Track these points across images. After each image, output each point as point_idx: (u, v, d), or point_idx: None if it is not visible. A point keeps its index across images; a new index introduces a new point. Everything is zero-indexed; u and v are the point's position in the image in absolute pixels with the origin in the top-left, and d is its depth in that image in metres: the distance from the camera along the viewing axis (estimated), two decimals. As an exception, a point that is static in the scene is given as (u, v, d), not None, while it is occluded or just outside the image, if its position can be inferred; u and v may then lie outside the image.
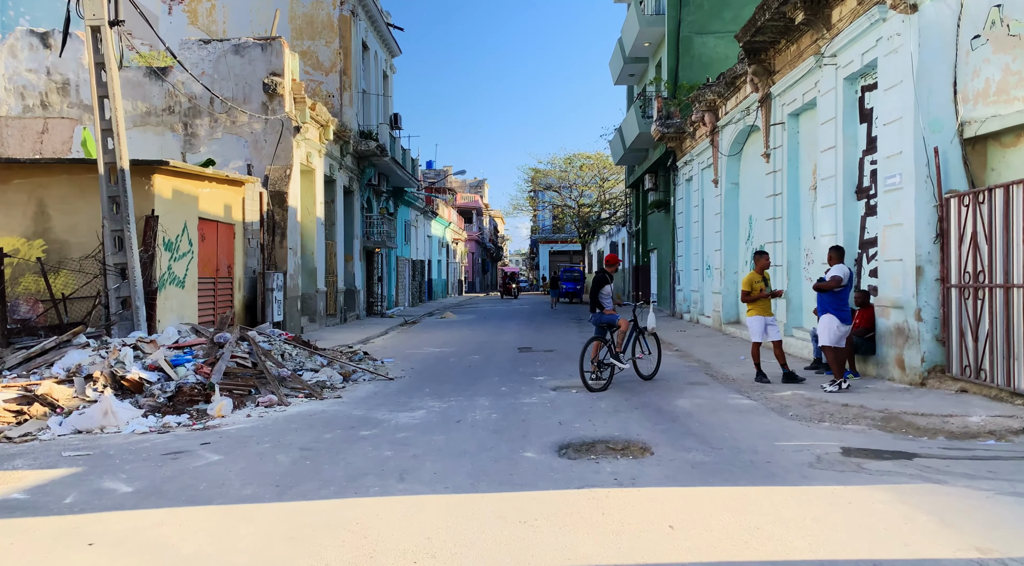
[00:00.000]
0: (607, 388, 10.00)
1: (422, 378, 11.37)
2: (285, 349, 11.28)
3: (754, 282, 10.42)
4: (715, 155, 19.11)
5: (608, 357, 10.41)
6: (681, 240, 23.95)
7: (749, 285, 10.41)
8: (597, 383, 10.15)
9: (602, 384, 10.12)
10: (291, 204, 18.30)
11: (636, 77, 31.38)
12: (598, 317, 10.62)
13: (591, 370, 10.20)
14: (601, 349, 10.42)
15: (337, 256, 23.23)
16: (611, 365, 10.34)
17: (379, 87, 28.99)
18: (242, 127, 18.23)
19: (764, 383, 10.19)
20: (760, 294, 10.39)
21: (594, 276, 10.83)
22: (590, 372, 10.16)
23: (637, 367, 11.01)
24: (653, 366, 11.12)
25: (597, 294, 10.67)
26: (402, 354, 15.12)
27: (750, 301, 10.43)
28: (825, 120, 12.04)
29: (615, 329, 10.60)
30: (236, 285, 16.64)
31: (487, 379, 11.17)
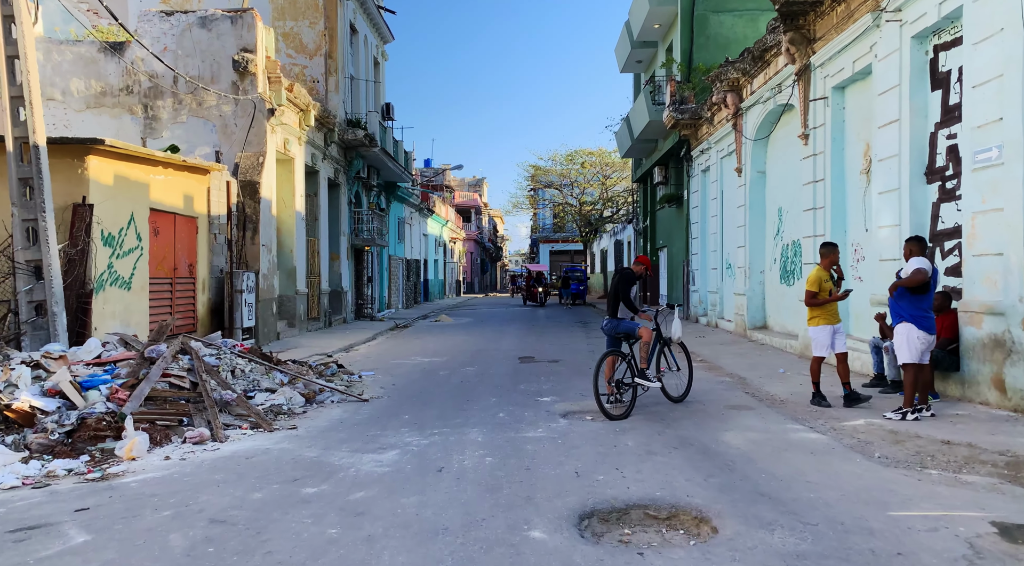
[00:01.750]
0: (629, 414, 8.07)
1: (403, 399, 9.41)
2: (237, 364, 9.32)
3: (822, 281, 8.45)
4: (738, 140, 17.16)
5: (628, 375, 8.47)
6: (696, 237, 21.99)
7: (817, 285, 8.43)
8: (617, 408, 8.21)
9: (623, 409, 8.18)
10: (264, 195, 16.34)
11: (644, 63, 29.43)
12: (613, 325, 8.67)
13: (607, 393, 8.26)
14: (618, 365, 8.49)
15: (321, 254, 21.27)
16: (633, 385, 8.41)
17: (369, 74, 27.04)
18: (210, 109, 16.28)
19: (824, 407, 8.24)
20: (831, 297, 8.41)
21: (619, 275, 8.86)
22: (607, 395, 8.23)
23: (664, 386, 9.07)
24: (684, 385, 9.17)
25: (625, 296, 8.69)
26: (386, 365, 13.16)
27: (817, 305, 8.44)
28: (885, 89, 10.09)
29: (634, 340, 8.67)
30: (199, 286, 14.69)
31: (482, 400, 9.21)
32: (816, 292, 8.39)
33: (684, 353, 9.35)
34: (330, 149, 21.74)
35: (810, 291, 8.45)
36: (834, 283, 8.55)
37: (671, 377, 9.10)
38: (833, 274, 8.61)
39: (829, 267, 8.54)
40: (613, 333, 8.69)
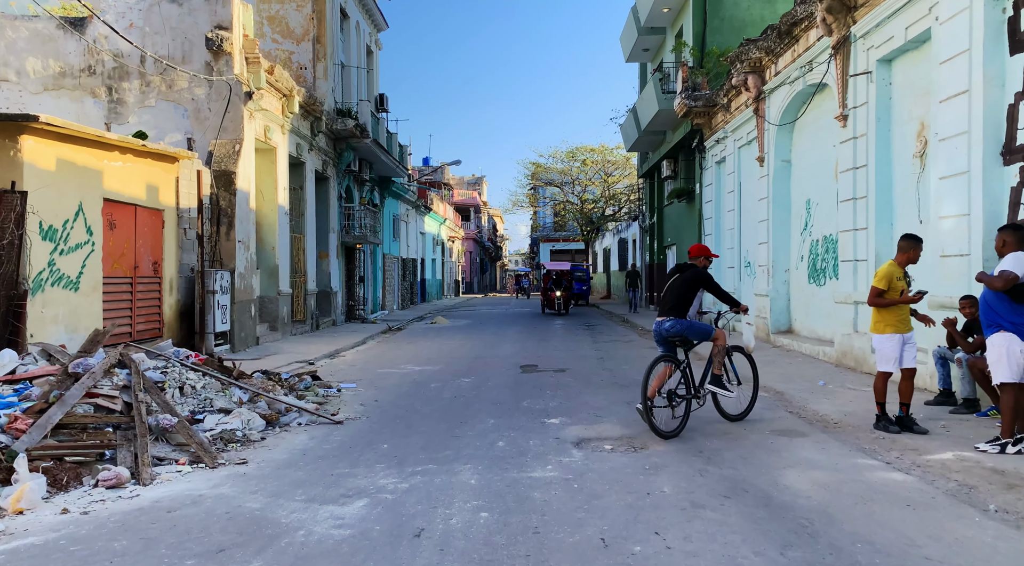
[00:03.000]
0: (680, 431, 7.00)
1: (384, 420, 7.94)
2: (188, 379, 7.85)
3: (894, 278, 6.96)
4: (760, 127, 15.70)
5: (681, 386, 7.28)
6: (709, 233, 20.52)
7: (887, 282, 6.93)
8: (670, 425, 7.04)
9: (675, 427, 7.05)
10: (241, 187, 14.88)
11: (651, 52, 27.96)
12: (677, 327, 7.29)
13: (656, 405, 7.05)
14: (671, 375, 7.24)
15: (307, 252, 19.80)
16: (687, 398, 7.25)
17: (362, 63, 25.57)
18: (181, 92, 14.82)
19: (892, 433, 6.76)
20: (903, 297, 6.92)
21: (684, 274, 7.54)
22: (657, 407, 7.07)
23: (718, 401, 7.76)
24: (746, 401, 7.94)
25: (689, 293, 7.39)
26: (371, 375, 11.70)
27: (882, 306, 6.95)
28: (949, 56, 8.63)
29: (691, 346, 7.52)
30: (166, 287, 13.22)
31: (477, 422, 7.74)
32: (884, 290, 6.89)
33: (751, 365, 8.10)
34: (317, 139, 20.27)
35: (876, 288, 6.93)
36: (907, 283, 7.05)
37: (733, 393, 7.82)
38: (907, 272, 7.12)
39: (906, 263, 7.05)
40: (672, 336, 7.35)
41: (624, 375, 11.32)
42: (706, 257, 7.71)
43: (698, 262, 7.67)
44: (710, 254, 7.77)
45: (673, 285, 7.52)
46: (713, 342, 7.38)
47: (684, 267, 7.62)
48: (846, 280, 11.55)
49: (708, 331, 7.39)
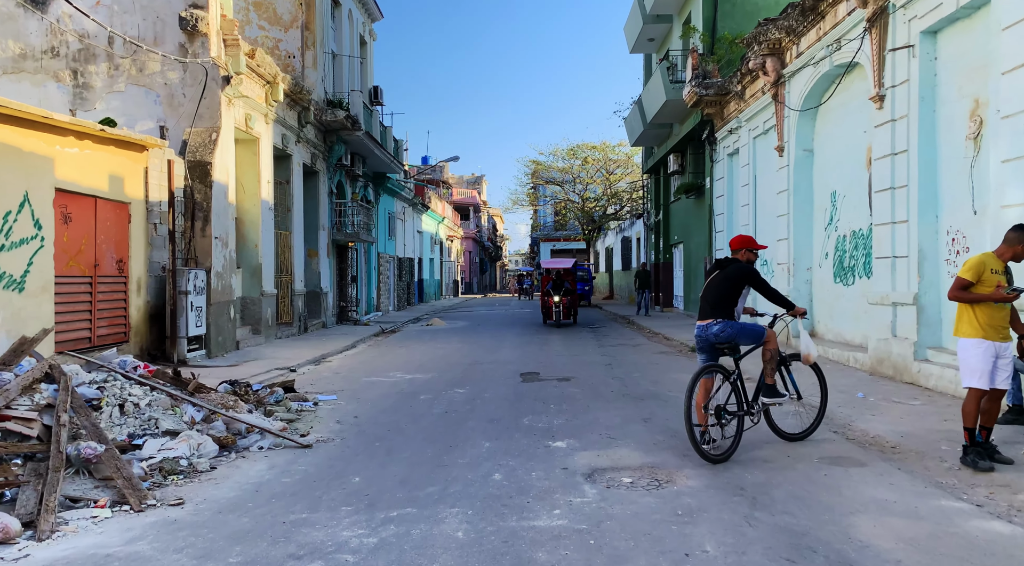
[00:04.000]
0: (732, 454, 5.95)
1: (361, 443, 6.78)
2: (131, 396, 6.70)
3: (989, 270, 5.56)
4: (779, 114, 14.54)
5: (732, 400, 6.18)
6: (721, 230, 19.36)
7: (976, 273, 5.50)
8: (718, 448, 5.95)
9: (725, 449, 5.96)
10: (218, 178, 13.72)
11: (656, 42, 26.80)
12: (725, 330, 6.19)
13: (702, 424, 5.95)
14: (718, 388, 6.21)
15: (294, 250, 18.65)
16: (740, 415, 6.15)
17: (355, 53, 24.41)
18: (153, 77, 13.66)
19: (983, 470, 5.43)
20: (994, 294, 5.56)
21: (725, 270, 6.40)
22: (702, 426, 5.94)
23: (771, 417, 6.67)
24: (808, 419, 6.79)
25: (732, 292, 6.29)
26: (356, 385, 10.55)
27: (967, 301, 5.59)
28: (1014, 21, 7.49)
29: (739, 352, 6.37)
30: (133, 287, 12.08)
31: (470, 447, 6.59)
32: (971, 283, 5.50)
33: (818, 377, 6.92)
34: (306, 131, 19.11)
35: (962, 280, 5.53)
36: (1008, 279, 5.71)
37: (790, 409, 6.86)
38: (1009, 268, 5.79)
39: (1011, 258, 5.65)
40: (722, 342, 6.23)
41: (636, 385, 10.17)
42: (749, 250, 6.56)
43: (740, 256, 6.52)
44: (755, 245, 6.63)
45: (713, 283, 6.39)
46: (763, 346, 6.24)
47: (725, 262, 6.49)
48: (882, 279, 10.39)
49: (761, 334, 6.25)
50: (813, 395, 6.93)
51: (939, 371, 8.88)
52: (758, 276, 6.34)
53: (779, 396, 6.27)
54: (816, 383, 6.92)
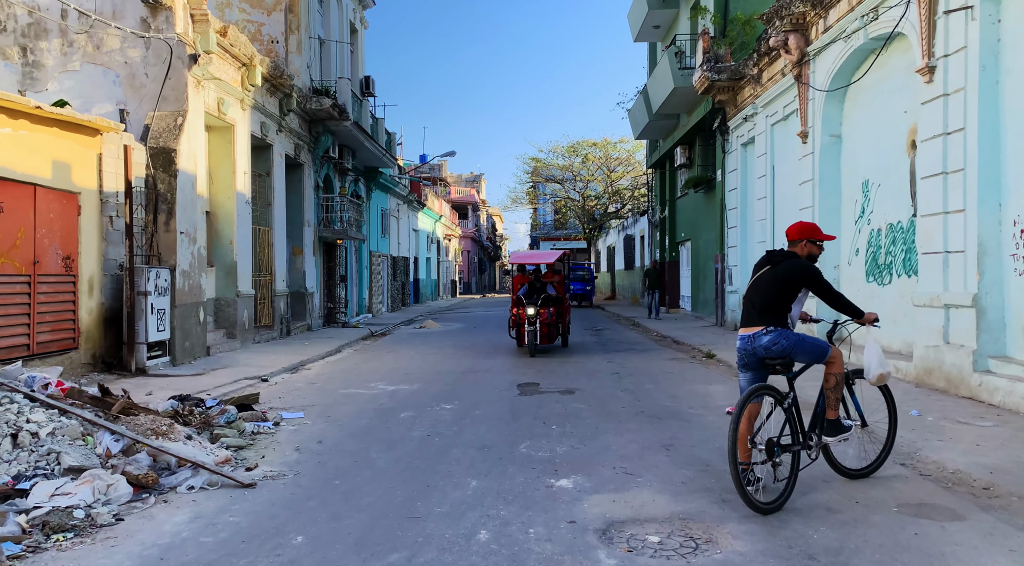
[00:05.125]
0: (786, 501, 4.61)
1: (317, 482, 5.47)
2: (30, 422, 5.39)
3: None
4: (803, 97, 13.23)
5: (786, 432, 4.83)
6: (734, 225, 18.05)
7: None
8: (770, 492, 4.66)
9: (778, 495, 4.63)
10: (184, 167, 12.42)
11: (662, 29, 25.50)
12: (778, 341, 4.88)
13: (747, 464, 4.63)
14: (768, 415, 4.89)
15: (275, 247, 17.33)
16: (796, 449, 4.82)
17: (344, 39, 23.10)
18: (111, 54, 12.36)
19: None
20: None
21: (778, 267, 5.06)
22: (747, 465, 4.62)
23: (830, 451, 5.29)
24: (873, 453, 5.45)
25: (785, 295, 4.98)
26: (330, 398, 9.25)
27: None
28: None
29: (792, 369, 5.03)
30: (84, 287, 10.77)
31: (452, 487, 5.28)
32: None
33: (886, 401, 5.55)
34: (288, 120, 17.80)
35: None
36: None
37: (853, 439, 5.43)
38: None
39: None
40: (774, 357, 4.92)
41: (650, 399, 8.86)
42: (811, 240, 5.20)
43: (799, 249, 5.18)
44: (819, 235, 5.24)
45: (762, 283, 5.06)
46: (826, 367, 4.93)
47: (778, 257, 5.15)
48: (931, 277, 9.09)
49: (824, 351, 4.92)
50: (879, 421, 5.60)
51: (1007, 385, 7.57)
52: (820, 277, 5.00)
53: (844, 431, 4.94)
54: (875, 399, 5.61)
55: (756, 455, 4.69)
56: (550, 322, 13.84)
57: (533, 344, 13.29)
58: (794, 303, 4.98)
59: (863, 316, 5.09)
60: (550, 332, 14.00)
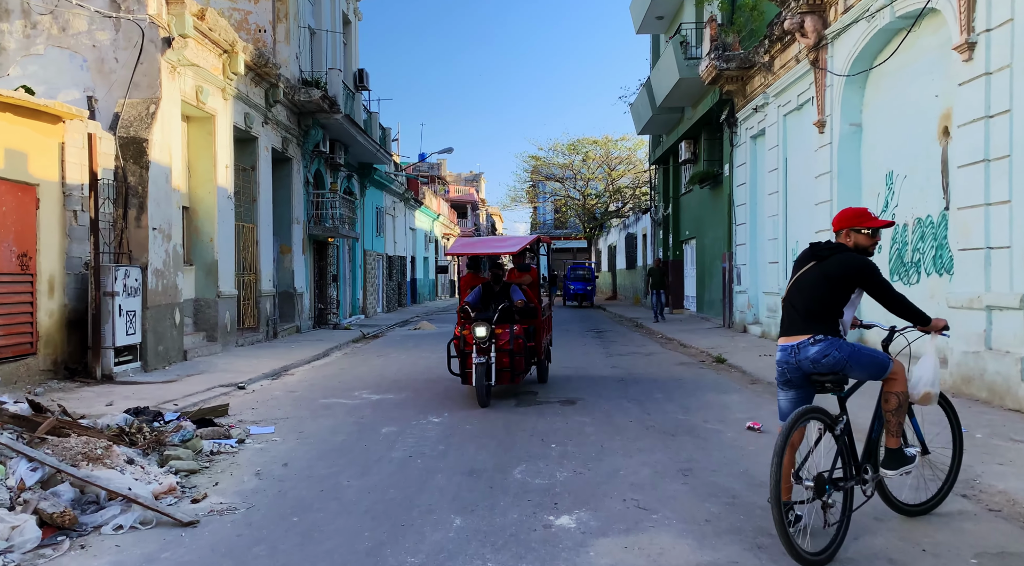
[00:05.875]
0: (837, 550, 3.74)
1: (270, 520, 4.61)
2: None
3: None
4: (820, 83, 12.37)
5: (839, 464, 3.95)
6: (743, 222, 17.19)
7: None
8: (819, 539, 3.80)
9: (828, 542, 3.76)
10: (157, 159, 11.58)
11: (666, 20, 24.64)
12: (828, 352, 4.02)
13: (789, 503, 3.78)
14: (814, 440, 4.02)
15: (261, 245, 16.48)
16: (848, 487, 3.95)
17: (336, 29, 22.25)
18: (78, 37, 11.52)
19: None
20: None
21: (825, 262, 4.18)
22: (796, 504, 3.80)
23: (885, 485, 4.40)
24: (934, 484, 4.57)
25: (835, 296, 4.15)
26: (307, 409, 8.40)
27: None
28: None
29: (845, 388, 4.17)
30: (43, 287, 9.92)
31: (431, 527, 4.43)
32: None
33: (950, 421, 4.68)
34: (275, 111, 16.95)
35: None
36: None
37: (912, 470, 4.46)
38: None
39: None
40: (822, 371, 4.06)
41: (660, 411, 8.01)
42: (859, 229, 4.31)
43: (846, 239, 4.31)
44: (870, 222, 4.33)
45: (805, 282, 4.20)
46: (885, 384, 4.08)
47: (824, 250, 4.25)
48: (971, 276, 8.24)
49: (884, 364, 4.07)
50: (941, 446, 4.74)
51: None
52: (876, 273, 4.15)
53: (907, 462, 4.08)
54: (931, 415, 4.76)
55: (800, 492, 3.84)
56: (514, 348, 8.48)
57: (484, 386, 8.06)
58: (846, 306, 4.13)
59: (930, 323, 4.23)
60: (515, 363, 8.53)
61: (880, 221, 4.38)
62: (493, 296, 9.16)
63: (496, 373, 8.37)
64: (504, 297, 9.05)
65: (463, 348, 8.58)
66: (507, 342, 8.50)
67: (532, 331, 9.30)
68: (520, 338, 8.63)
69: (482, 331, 8.17)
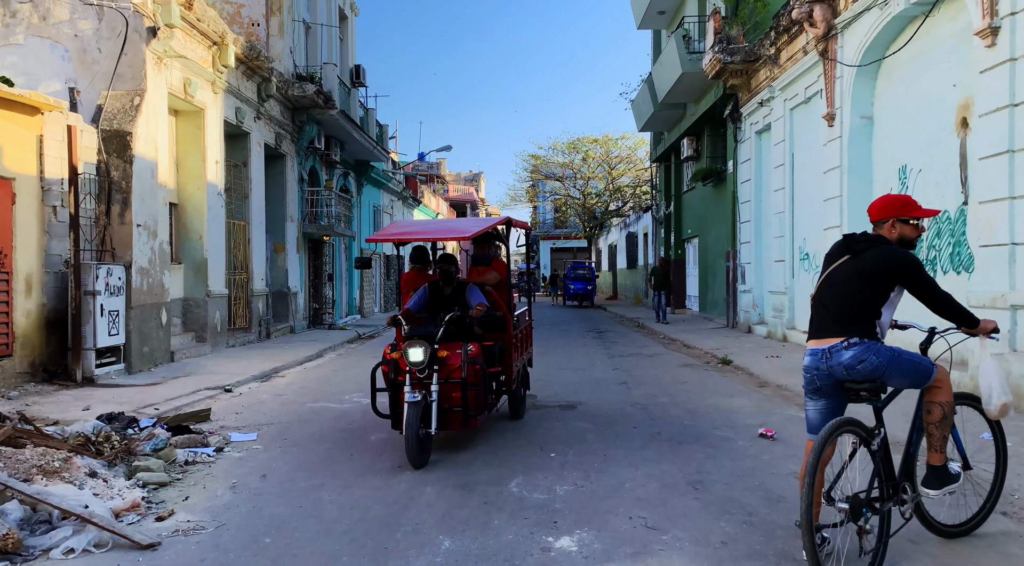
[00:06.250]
0: None
1: (240, 542, 4.16)
2: None
3: None
4: (829, 75, 11.95)
5: (875, 483, 3.50)
6: (747, 220, 16.77)
7: None
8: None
9: None
10: (142, 153, 11.15)
11: (667, 15, 24.20)
12: (865, 357, 3.56)
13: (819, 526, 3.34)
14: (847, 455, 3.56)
15: (253, 244, 16.04)
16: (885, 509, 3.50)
17: (332, 23, 21.84)
18: (59, 26, 11.10)
19: None
20: None
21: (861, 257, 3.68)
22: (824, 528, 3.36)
23: (921, 503, 3.91)
24: (975, 501, 4.12)
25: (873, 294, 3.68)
26: (295, 414, 7.97)
27: None
28: None
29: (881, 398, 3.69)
30: (20, 286, 9.50)
31: (416, 551, 3.99)
32: None
33: (995, 436, 4.24)
34: (268, 106, 16.53)
35: None
36: None
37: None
38: None
39: None
40: (857, 379, 3.61)
41: (666, 415, 7.59)
42: (906, 219, 3.79)
43: (885, 231, 3.83)
44: (914, 211, 3.82)
45: (837, 278, 3.73)
46: (928, 393, 3.64)
47: (859, 243, 3.76)
48: (992, 274, 7.82)
49: (927, 371, 3.63)
50: (983, 462, 4.31)
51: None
52: (920, 270, 3.68)
53: (951, 481, 3.64)
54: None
55: (830, 513, 3.41)
56: (468, 377, 5.99)
57: (415, 437, 5.54)
58: (885, 306, 3.69)
59: (978, 325, 3.76)
60: (469, 400, 6.02)
61: (929, 210, 3.94)
62: (442, 302, 6.66)
63: (441, 415, 5.80)
64: (457, 303, 6.58)
65: (394, 377, 6.03)
66: (457, 368, 5.90)
67: (498, 351, 6.75)
68: (477, 363, 5.99)
69: (417, 354, 5.70)
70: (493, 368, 6.58)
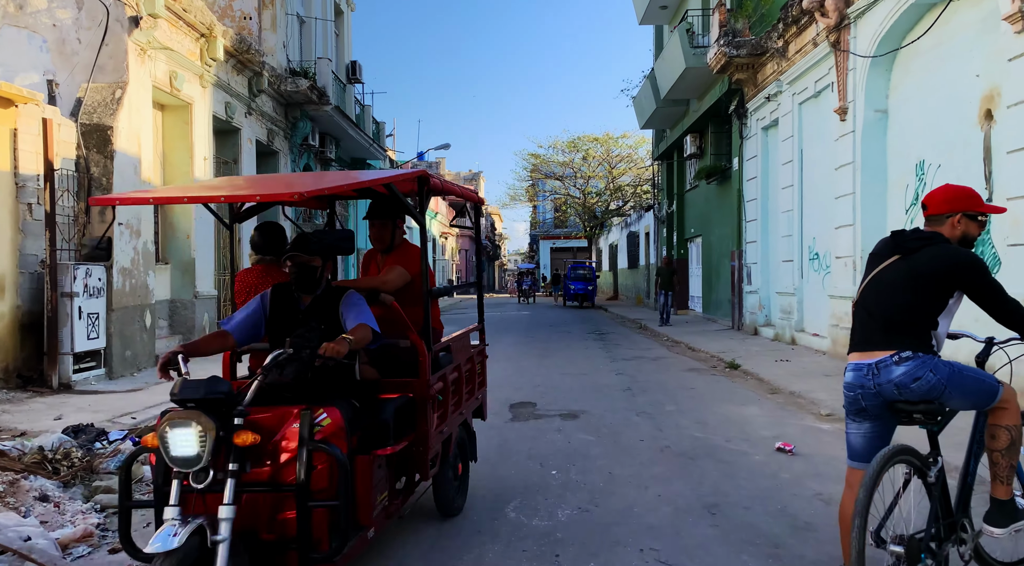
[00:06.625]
0: None
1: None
2: None
3: None
4: (841, 68, 11.46)
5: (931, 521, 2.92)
6: (753, 219, 16.28)
7: None
8: None
9: None
10: (123, 148, 10.67)
11: (670, 10, 23.72)
12: (919, 375, 3.02)
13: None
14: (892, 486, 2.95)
15: (244, 243, 15.53)
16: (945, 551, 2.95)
17: (328, 18, 21.36)
18: (37, 16, 10.62)
19: None
20: None
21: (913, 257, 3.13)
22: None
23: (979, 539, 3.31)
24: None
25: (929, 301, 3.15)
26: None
27: None
28: None
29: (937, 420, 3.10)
30: (-8, 287, 9.02)
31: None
32: None
33: None
34: (259, 101, 16.04)
35: None
36: None
37: None
38: None
39: None
40: (909, 400, 3.08)
41: (674, 426, 7.10)
42: (968, 214, 3.25)
43: (946, 228, 3.29)
44: (979, 206, 3.29)
45: (885, 282, 3.23)
46: (992, 416, 3.15)
47: (912, 240, 3.24)
48: (1022, 275, 7.33)
49: (992, 390, 3.13)
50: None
51: None
52: (986, 273, 3.18)
53: (1021, 518, 3.13)
54: None
55: (879, 556, 2.92)
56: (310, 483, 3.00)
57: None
58: (942, 314, 3.21)
59: None
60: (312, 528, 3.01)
61: (994, 207, 3.47)
62: (294, 322, 3.67)
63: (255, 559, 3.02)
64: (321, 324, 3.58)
65: (160, 482, 3.13)
66: (289, 462, 3.08)
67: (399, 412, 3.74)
68: (333, 452, 3.05)
69: (186, 442, 2.89)
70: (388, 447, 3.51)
